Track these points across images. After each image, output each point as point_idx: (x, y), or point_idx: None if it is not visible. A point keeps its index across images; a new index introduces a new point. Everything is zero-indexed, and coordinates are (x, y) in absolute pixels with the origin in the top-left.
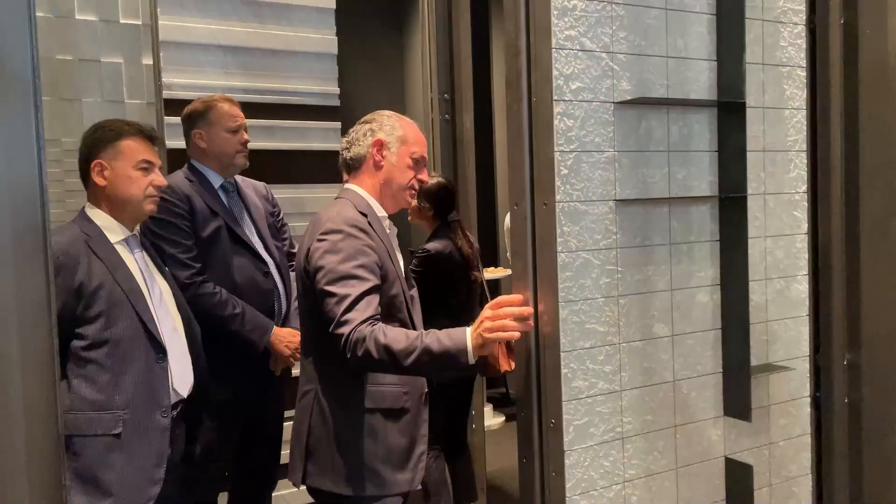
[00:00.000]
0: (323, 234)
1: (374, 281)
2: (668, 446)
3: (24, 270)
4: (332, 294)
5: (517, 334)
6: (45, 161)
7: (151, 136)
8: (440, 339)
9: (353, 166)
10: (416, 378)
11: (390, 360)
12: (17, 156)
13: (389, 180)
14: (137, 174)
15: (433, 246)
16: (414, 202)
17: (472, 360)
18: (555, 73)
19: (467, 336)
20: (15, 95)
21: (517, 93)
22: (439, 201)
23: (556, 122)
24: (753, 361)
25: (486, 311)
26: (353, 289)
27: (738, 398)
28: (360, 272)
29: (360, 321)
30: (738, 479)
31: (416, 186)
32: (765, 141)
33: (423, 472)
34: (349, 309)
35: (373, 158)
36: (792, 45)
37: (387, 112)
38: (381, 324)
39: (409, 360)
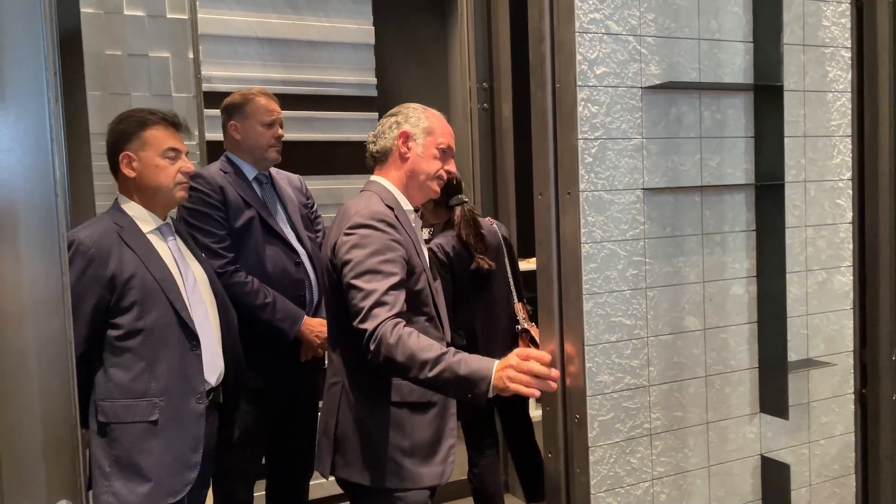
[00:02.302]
0: (350, 227)
1: (400, 276)
2: (699, 443)
3: (38, 263)
4: (359, 288)
5: (537, 393)
6: (61, 154)
7: (175, 123)
8: (468, 362)
9: (380, 159)
10: None
11: (412, 366)
12: (30, 150)
13: (416, 171)
14: (165, 163)
15: (436, 242)
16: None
17: (490, 394)
18: (578, 57)
19: (493, 370)
20: (27, 91)
21: (541, 79)
22: None
23: (580, 108)
24: (792, 356)
25: (513, 358)
26: (379, 284)
27: (774, 394)
28: (387, 267)
29: (385, 317)
30: (775, 479)
31: (444, 176)
32: (805, 126)
33: (453, 466)
34: (376, 304)
35: (398, 150)
36: (836, 24)
37: (413, 104)
38: (408, 327)
39: (433, 372)
